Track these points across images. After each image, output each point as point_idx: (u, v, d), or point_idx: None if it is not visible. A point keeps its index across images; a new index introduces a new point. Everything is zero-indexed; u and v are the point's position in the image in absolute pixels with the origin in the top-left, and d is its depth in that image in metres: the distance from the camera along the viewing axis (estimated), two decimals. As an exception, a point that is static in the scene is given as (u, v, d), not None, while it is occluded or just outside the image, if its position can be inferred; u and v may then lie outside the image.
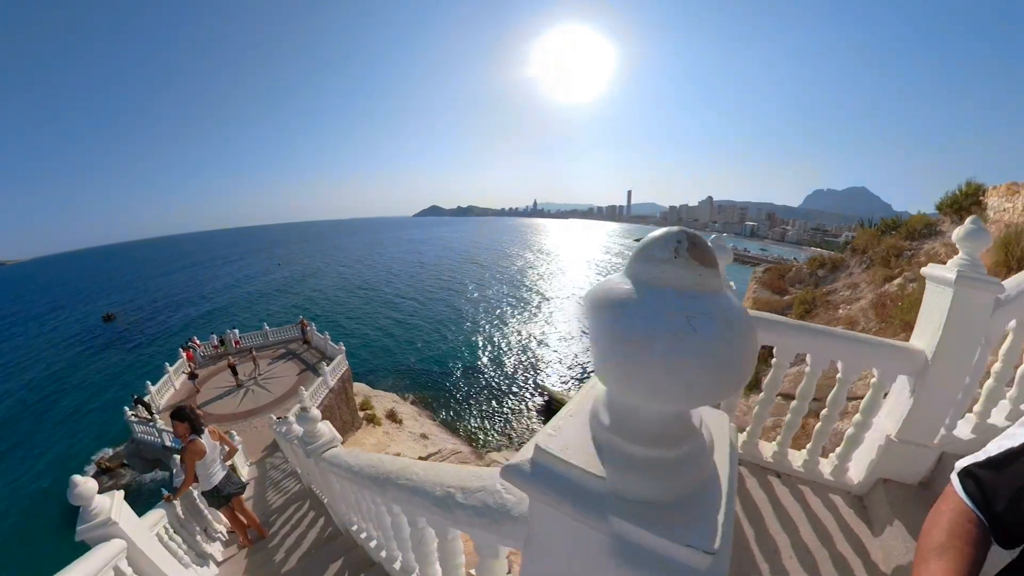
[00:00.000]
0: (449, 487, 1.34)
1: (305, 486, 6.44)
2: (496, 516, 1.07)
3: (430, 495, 1.44)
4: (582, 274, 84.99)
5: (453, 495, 1.29)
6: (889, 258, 10.27)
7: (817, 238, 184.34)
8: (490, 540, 1.26)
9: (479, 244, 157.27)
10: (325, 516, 4.70)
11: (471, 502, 1.19)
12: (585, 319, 0.58)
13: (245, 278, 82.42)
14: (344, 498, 3.51)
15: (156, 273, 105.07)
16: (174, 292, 71.55)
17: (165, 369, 18.48)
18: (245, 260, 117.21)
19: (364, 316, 48.42)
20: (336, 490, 3.57)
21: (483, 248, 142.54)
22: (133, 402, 16.73)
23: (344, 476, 2.92)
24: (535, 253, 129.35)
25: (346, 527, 3.92)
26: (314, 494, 5.64)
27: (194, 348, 20.79)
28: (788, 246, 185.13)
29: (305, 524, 4.81)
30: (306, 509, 5.29)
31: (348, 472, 2.74)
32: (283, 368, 20.62)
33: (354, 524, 3.65)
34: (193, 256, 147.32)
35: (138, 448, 16.48)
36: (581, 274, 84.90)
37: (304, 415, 3.45)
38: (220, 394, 18.17)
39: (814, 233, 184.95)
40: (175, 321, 49.71)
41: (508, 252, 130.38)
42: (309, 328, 23.24)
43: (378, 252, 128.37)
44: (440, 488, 1.39)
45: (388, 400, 24.55)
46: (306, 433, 3.43)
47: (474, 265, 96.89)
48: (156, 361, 26.07)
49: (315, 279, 77.46)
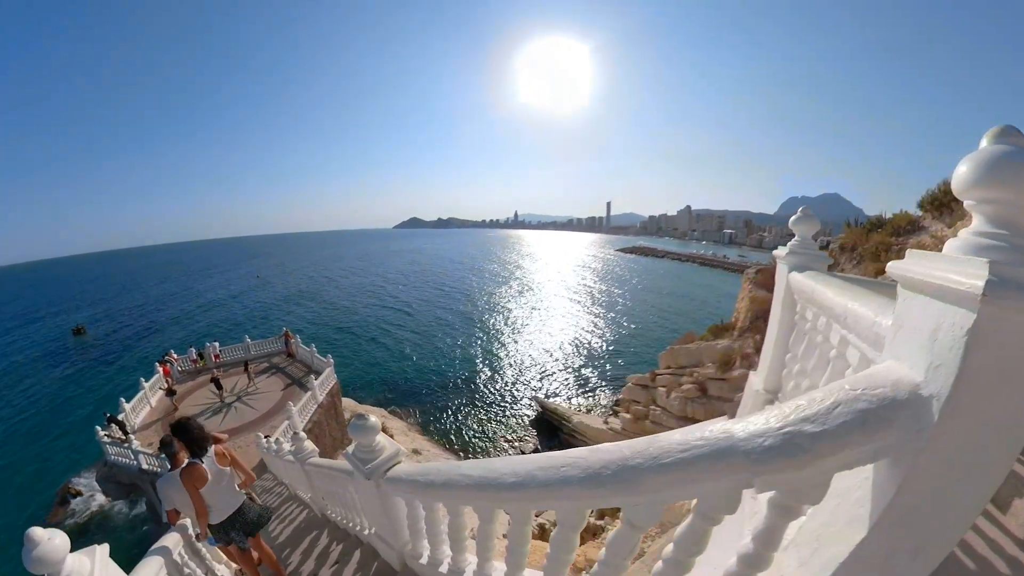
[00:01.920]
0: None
1: (317, 513, 5.66)
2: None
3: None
4: (566, 284, 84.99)
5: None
6: (879, 253, 10.51)
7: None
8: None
9: (463, 255, 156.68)
10: (361, 549, 3.96)
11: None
12: None
13: (223, 291, 79.86)
14: (417, 522, 2.83)
15: (128, 285, 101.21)
16: (148, 304, 68.88)
17: (140, 385, 17.35)
18: (222, 273, 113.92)
19: (346, 329, 47.27)
20: (402, 515, 2.94)
21: (467, 259, 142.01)
22: (106, 421, 15.58)
23: (439, 494, 2.29)
24: (519, 264, 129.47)
25: (407, 558, 3.14)
26: (332, 522, 4.93)
27: (171, 363, 19.67)
28: (766, 252, 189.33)
29: (333, 559, 4.09)
30: (327, 541, 4.57)
31: (457, 488, 2.02)
32: (267, 383, 19.65)
33: (422, 555, 2.94)
34: (166, 268, 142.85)
35: (112, 472, 15.30)
36: (565, 284, 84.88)
37: (360, 423, 2.67)
38: (200, 411, 17.15)
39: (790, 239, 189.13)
40: (149, 334, 47.73)
41: (492, 263, 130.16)
42: (293, 340, 22.30)
43: (359, 264, 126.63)
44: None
45: (377, 415, 23.70)
46: (359, 448, 2.78)
47: (458, 277, 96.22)
48: (130, 377, 24.77)
49: (296, 292, 75.62)
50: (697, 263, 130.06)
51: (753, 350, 13.13)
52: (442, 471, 2.16)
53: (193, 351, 21.07)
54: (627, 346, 42.26)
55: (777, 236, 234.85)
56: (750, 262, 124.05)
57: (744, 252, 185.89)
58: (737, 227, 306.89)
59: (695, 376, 15.36)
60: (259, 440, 12.47)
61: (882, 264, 9.96)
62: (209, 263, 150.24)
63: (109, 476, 15.50)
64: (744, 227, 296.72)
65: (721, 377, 14.24)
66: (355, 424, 2.68)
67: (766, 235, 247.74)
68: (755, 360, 12.89)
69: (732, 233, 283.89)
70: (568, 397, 30.72)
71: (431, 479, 2.23)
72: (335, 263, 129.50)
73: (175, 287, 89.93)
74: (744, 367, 13.26)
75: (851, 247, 12.64)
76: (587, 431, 20.93)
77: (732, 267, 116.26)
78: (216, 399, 17.96)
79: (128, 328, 51.99)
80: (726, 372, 14.06)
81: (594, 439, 20.34)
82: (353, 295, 69.74)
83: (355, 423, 2.68)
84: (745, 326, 14.46)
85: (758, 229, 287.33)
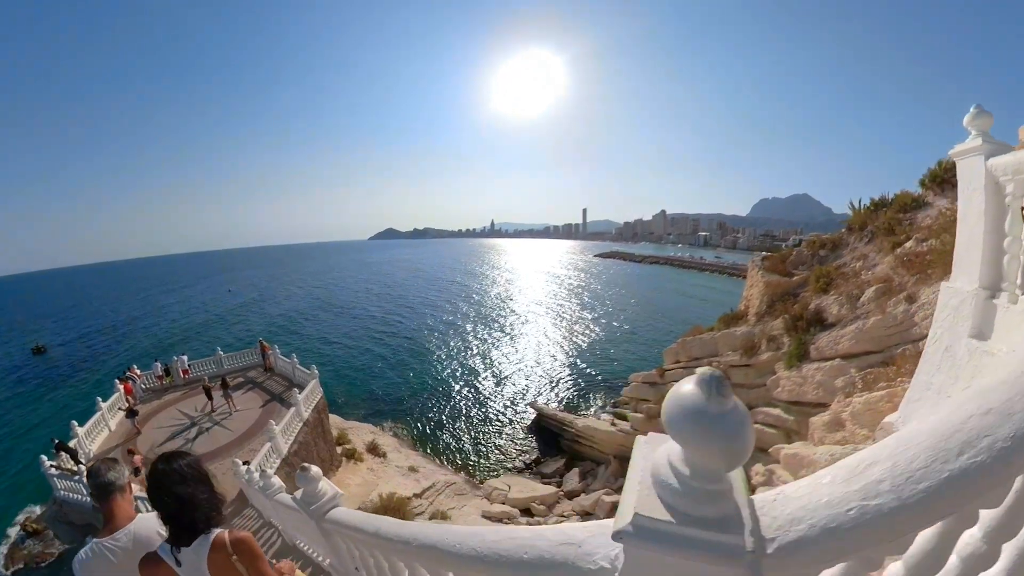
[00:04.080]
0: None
1: (288, 542, 6.28)
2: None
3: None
4: (549, 291, 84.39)
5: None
6: (892, 227, 11.41)
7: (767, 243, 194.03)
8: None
9: (442, 265, 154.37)
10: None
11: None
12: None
13: (192, 304, 76.30)
14: (351, 559, 3.30)
15: (92, 301, 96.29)
16: (113, 320, 65.19)
17: (97, 405, 15.24)
18: (191, 287, 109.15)
19: (326, 343, 45.09)
20: (344, 553, 3.37)
21: (446, 269, 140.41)
22: (54, 449, 13.43)
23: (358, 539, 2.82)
24: (498, 272, 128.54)
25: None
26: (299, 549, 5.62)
27: (133, 379, 17.52)
28: (740, 252, 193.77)
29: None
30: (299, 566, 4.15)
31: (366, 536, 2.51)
32: (243, 400, 17.65)
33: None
34: (132, 284, 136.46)
35: (63, 510, 13.14)
36: (548, 291, 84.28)
37: (304, 474, 3.10)
38: (168, 435, 15.16)
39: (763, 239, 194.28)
40: (115, 351, 44.92)
41: (471, 272, 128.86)
42: (271, 352, 20.30)
43: (336, 276, 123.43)
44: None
45: (366, 432, 22.05)
46: (306, 494, 3.17)
47: (439, 286, 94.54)
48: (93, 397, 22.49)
49: (269, 304, 72.60)
50: (675, 265, 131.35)
51: (782, 331, 12.71)
52: (372, 523, 2.43)
53: (158, 366, 18.89)
54: (618, 348, 41.60)
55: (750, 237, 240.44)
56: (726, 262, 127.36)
57: (720, 253, 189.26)
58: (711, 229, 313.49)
59: (715, 365, 14.73)
60: (236, 467, 10.71)
61: (897, 237, 11.07)
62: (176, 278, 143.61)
63: (60, 516, 13.35)
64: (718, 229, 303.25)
65: (746, 363, 13.76)
66: (300, 475, 3.12)
67: (740, 236, 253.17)
68: (783, 341, 12.62)
69: (707, 235, 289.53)
70: (565, 402, 29.67)
71: (357, 525, 2.65)
72: (310, 275, 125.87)
73: (141, 302, 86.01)
74: (771, 350, 12.90)
75: (860, 226, 13.16)
76: (595, 434, 19.79)
77: (709, 268, 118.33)
78: (187, 420, 16.02)
79: (93, 345, 49.16)
80: (752, 358, 13.59)
81: (603, 442, 19.31)
82: (332, 306, 67.21)
83: (300, 475, 3.11)
84: (762, 311, 14.37)
85: (732, 231, 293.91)
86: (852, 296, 11.16)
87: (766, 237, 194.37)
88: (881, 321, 9.84)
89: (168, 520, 1.78)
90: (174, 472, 1.78)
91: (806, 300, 12.65)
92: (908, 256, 10.69)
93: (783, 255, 17.17)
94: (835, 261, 13.35)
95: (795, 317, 12.17)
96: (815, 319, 11.67)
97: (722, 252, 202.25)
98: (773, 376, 12.48)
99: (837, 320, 11.19)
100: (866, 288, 11.02)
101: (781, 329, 12.86)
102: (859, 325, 10.33)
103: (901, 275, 10.54)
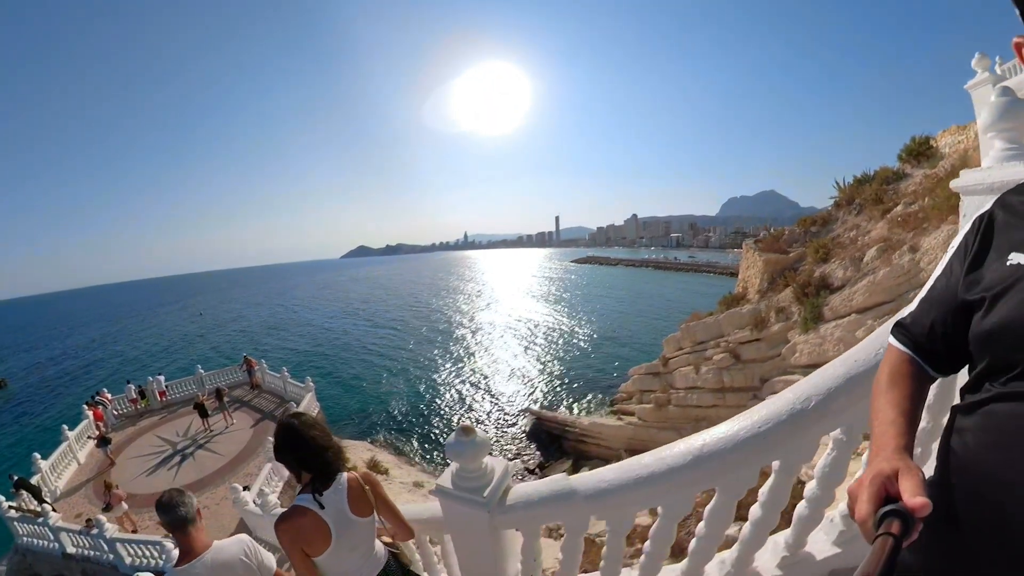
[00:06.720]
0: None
1: None
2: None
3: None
4: (529, 299, 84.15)
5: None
6: (880, 197, 12.79)
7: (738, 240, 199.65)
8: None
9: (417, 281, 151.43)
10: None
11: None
12: None
13: (163, 328, 72.81)
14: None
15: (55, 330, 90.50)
16: (80, 349, 61.18)
17: (63, 434, 13.65)
18: (158, 311, 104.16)
19: (307, 362, 43.24)
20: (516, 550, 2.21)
21: (423, 283, 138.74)
22: (12, 487, 11.53)
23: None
24: (473, 284, 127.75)
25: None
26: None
27: (104, 404, 15.95)
28: (713, 251, 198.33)
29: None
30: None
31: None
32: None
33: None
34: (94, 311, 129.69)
35: (26, 561, 11.25)
36: (528, 299, 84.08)
37: (463, 438, 1.88)
38: (147, 465, 13.76)
39: (735, 236, 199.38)
40: (83, 380, 41.88)
41: (446, 285, 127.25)
42: (257, 367, 18.99)
43: (310, 295, 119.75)
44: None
45: (362, 449, 20.86)
46: (464, 472, 1.97)
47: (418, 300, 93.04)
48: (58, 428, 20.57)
49: (244, 324, 69.92)
50: (651, 267, 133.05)
51: (790, 301, 13.39)
52: (563, 485, 1.89)
53: (132, 388, 17.31)
54: (608, 346, 41.50)
55: (721, 235, 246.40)
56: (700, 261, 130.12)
57: (693, 253, 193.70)
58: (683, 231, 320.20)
59: (723, 345, 14.96)
60: (235, 493, 9.49)
61: (886, 205, 12.42)
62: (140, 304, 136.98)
63: (23, 568, 11.44)
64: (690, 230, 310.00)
65: (756, 338, 14.16)
66: (457, 442, 1.90)
67: (711, 235, 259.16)
68: (792, 311, 13.11)
69: (679, 237, 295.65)
70: (563, 403, 29.13)
71: (548, 495, 1.92)
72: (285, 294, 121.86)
73: (109, 328, 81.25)
74: (782, 320, 13.47)
75: (848, 201, 14.58)
76: (603, 431, 19.37)
77: (684, 267, 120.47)
78: (167, 446, 14.65)
79: (57, 376, 45.79)
80: (762, 331, 13.99)
81: (612, 437, 18.98)
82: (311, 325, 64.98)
83: (455, 442, 1.91)
84: (763, 288, 15.01)
85: (703, 231, 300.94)
86: (855, 259, 11.85)
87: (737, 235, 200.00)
88: (890, 272, 10.52)
89: (310, 467, 1.89)
90: (303, 423, 1.91)
91: (808, 270, 13.22)
92: (901, 217, 11.69)
93: (777, 234, 17.78)
94: (828, 235, 14.10)
95: (803, 285, 12.73)
96: (821, 284, 12.31)
97: (695, 252, 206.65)
98: (788, 344, 12.86)
99: (844, 282, 11.77)
100: (866, 250, 11.78)
101: (789, 299, 13.37)
102: (870, 279, 11.00)
103: (898, 233, 11.41)
